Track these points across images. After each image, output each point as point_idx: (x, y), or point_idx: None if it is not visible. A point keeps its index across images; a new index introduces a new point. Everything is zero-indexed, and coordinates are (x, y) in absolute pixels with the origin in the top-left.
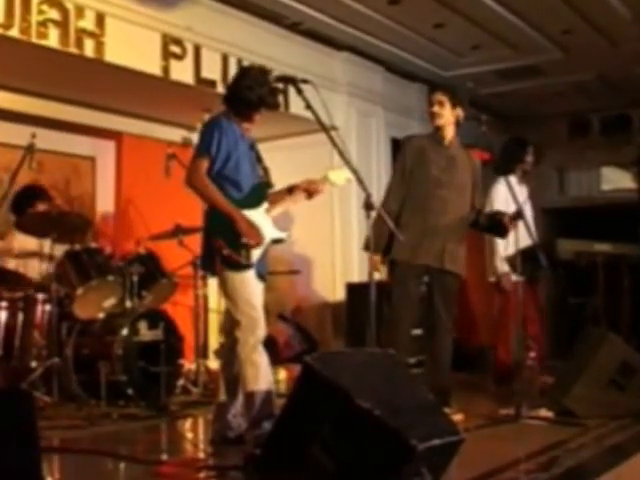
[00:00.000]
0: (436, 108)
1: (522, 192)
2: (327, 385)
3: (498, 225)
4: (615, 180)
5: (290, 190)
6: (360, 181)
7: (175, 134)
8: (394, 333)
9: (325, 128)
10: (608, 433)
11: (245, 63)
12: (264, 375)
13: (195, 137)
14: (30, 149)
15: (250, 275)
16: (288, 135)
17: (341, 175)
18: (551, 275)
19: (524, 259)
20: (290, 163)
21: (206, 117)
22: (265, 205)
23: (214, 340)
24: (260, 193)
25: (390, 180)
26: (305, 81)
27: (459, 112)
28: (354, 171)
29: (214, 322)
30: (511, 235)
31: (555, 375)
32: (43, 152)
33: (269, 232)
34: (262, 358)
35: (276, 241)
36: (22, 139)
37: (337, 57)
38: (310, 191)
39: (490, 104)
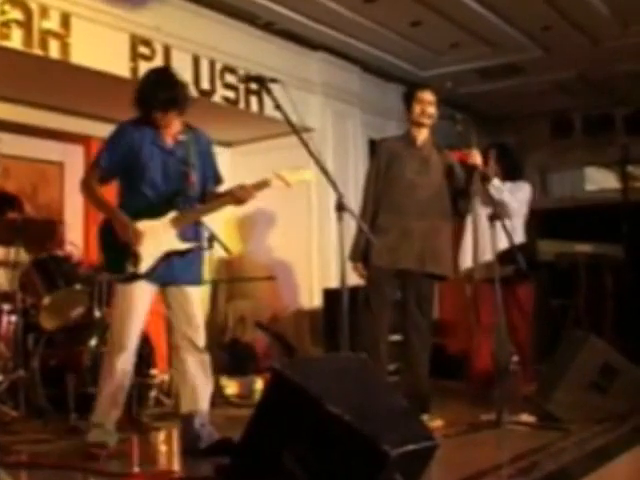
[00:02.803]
0: (427, 107)
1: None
2: (297, 391)
3: (471, 169)
4: (599, 180)
5: (219, 196)
6: (332, 182)
7: None
8: (371, 338)
9: (294, 128)
10: (591, 437)
11: (217, 64)
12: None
13: None
14: None
15: (134, 287)
16: (264, 138)
17: (297, 175)
18: (532, 277)
19: (503, 261)
20: (267, 166)
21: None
22: (172, 214)
23: None
24: (167, 202)
25: (365, 185)
26: (274, 80)
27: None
28: (325, 172)
29: None
30: (489, 239)
31: (537, 380)
32: (8, 158)
33: (168, 243)
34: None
35: (181, 252)
36: None
37: (312, 57)
38: (239, 199)
39: (470, 104)
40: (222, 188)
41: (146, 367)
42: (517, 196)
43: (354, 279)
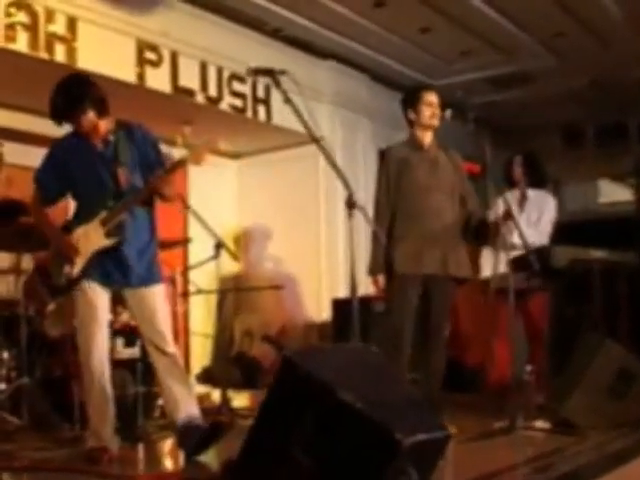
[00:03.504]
0: (436, 109)
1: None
2: (307, 378)
3: (487, 227)
4: (612, 193)
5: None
6: (343, 178)
7: None
8: (398, 348)
9: (305, 122)
10: (607, 441)
11: (225, 72)
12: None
13: (175, 152)
14: None
15: (88, 292)
16: (271, 149)
17: (211, 145)
18: (546, 288)
19: (518, 267)
20: (275, 179)
21: (187, 131)
22: (102, 215)
23: (196, 360)
24: (99, 204)
25: (376, 195)
26: (282, 72)
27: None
28: (335, 167)
29: (196, 341)
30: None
31: (551, 386)
32: (12, 166)
33: (96, 242)
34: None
35: (112, 249)
36: None
37: (321, 66)
38: (155, 189)
39: (480, 115)
40: (229, 201)
41: (151, 377)
42: (543, 222)
43: (363, 288)
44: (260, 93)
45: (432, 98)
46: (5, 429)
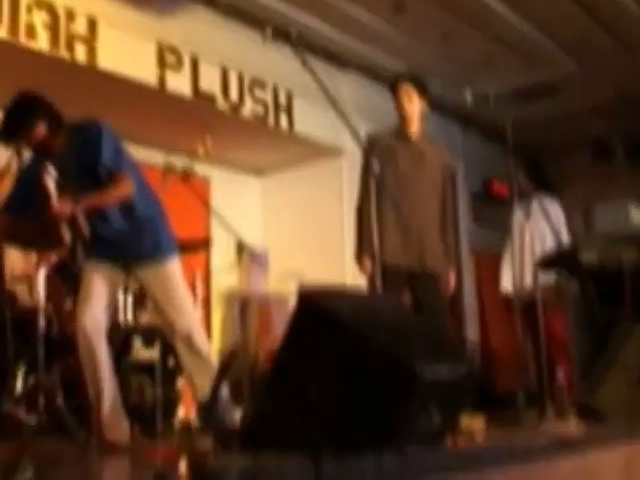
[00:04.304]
0: (405, 101)
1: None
2: (325, 314)
3: None
4: None
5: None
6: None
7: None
8: None
9: (324, 88)
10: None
11: (246, 78)
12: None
13: (197, 165)
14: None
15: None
16: (295, 162)
17: None
18: (576, 285)
19: (547, 266)
20: (301, 194)
21: (208, 141)
22: None
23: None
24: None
25: (361, 182)
26: (300, 37)
27: (425, 105)
28: (357, 137)
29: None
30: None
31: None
32: None
33: None
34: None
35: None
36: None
37: (343, 77)
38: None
39: (505, 133)
40: (253, 219)
41: (172, 380)
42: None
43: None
44: (282, 100)
45: (403, 89)
46: (19, 427)
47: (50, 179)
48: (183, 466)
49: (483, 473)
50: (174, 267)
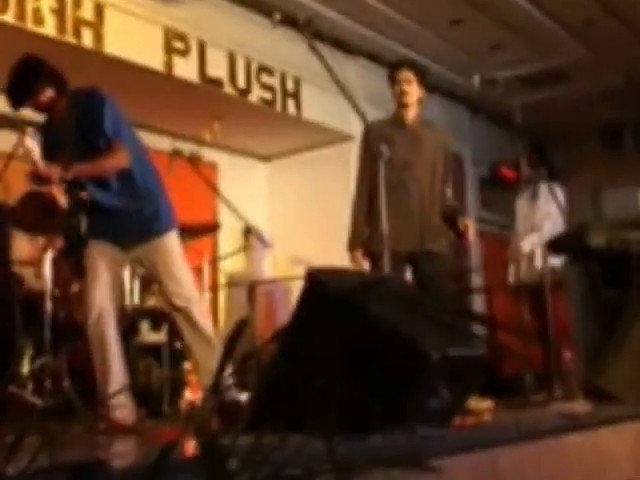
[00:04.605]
0: (404, 86)
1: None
2: (332, 295)
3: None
4: None
5: None
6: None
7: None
8: None
9: (330, 70)
10: None
11: (253, 64)
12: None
13: (204, 151)
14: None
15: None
16: (303, 149)
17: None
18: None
19: (553, 249)
20: (307, 181)
21: (216, 126)
22: None
23: None
24: None
25: (359, 171)
26: (308, 23)
27: (424, 92)
28: (363, 118)
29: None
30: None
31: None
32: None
33: None
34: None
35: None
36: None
37: (351, 63)
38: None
39: (514, 119)
40: (259, 204)
41: (178, 361)
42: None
43: None
44: (290, 86)
45: (401, 75)
46: (25, 408)
47: (32, 142)
48: (190, 444)
49: (492, 451)
50: (173, 241)
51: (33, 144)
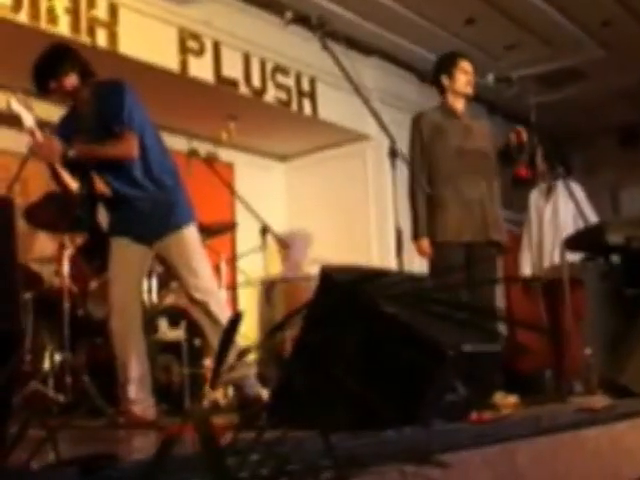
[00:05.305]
0: (471, 76)
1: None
2: (348, 293)
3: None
4: None
5: None
6: (384, 128)
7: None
8: None
9: (346, 71)
10: None
11: (268, 64)
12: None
13: (221, 151)
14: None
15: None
16: (319, 148)
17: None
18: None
19: (571, 246)
20: (323, 181)
21: (232, 126)
22: None
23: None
24: None
25: (410, 160)
26: (322, 23)
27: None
28: (381, 122)
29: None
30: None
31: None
32: None
33: None
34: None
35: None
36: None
37: (366, 63)
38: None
39: (530, 119)
40: (277, 204)
41: (198, 358)
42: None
43: None
44: (305, 86)
45: (468, 66)
46: (46, 406)
47: (20, 107)
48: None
49: (509, 445)
50: (193, 234)
51: (21, 109)
